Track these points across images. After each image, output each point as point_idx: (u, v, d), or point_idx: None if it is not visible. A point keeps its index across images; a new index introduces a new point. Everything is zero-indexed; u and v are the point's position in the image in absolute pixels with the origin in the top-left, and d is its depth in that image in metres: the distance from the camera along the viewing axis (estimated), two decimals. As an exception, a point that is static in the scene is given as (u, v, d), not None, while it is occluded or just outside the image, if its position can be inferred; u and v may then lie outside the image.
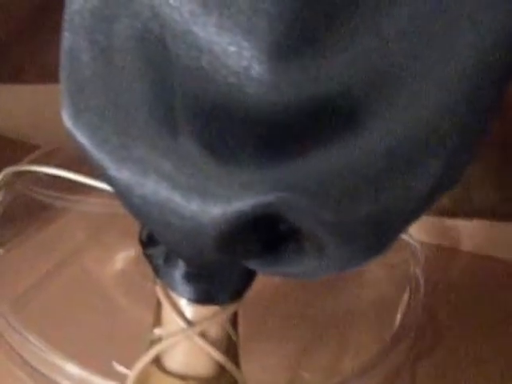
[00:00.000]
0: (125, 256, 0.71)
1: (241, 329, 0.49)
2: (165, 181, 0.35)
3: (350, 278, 0.68)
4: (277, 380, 0.58)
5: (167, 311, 0.46)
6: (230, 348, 0.47)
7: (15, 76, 0.88)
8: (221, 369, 0.46)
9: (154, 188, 0.35)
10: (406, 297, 0.67)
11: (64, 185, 0.72)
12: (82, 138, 0.36)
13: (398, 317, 0.65)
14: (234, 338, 0.48)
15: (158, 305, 0.49)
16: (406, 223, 0.38)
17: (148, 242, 0.46)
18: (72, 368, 0.54)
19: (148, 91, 0.35)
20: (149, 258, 0.47)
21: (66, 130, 0.38)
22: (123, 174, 0.36)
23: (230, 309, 0.46)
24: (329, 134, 0.33)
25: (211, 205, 0.34)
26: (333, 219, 0.35)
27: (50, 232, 0.70)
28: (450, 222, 0.77)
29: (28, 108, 0.89)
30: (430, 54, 0.33)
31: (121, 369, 0.55)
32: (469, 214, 0.73)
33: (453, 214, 0.75)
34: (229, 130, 0.34)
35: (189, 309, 0.45)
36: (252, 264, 0.41)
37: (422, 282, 0.67)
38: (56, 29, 0.84)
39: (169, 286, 0.45)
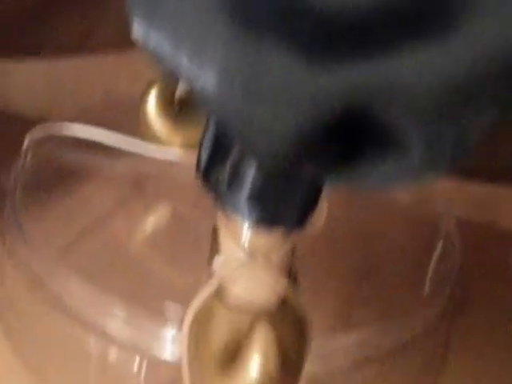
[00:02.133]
0: (154, 220, 0.69)
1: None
2: (247, 84, 0.33)
3: (380, 232, 0.67)
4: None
5: (228, 242, 0.44)
6: (292, 282, 0.45)
7: (33, 51, 0.87)
8: (283, 302, 0.44)
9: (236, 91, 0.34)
10: (438, 253, 0.66)
11: (91, 148, 0.69)
12: (157, 44, 0.35)
13: (431, 272, 0.64)
14: (294, 269, 0.46)
15: (215, 238, 0.47)
16: (480, 139, 0.38)
17: (209, 167, 0.44)
18: (119, 310, 0.53)
19: None
20: (210, 186, 0.45)
21: (138, 40, 0.36)
22: (204, 79, 0.34)
23: (293, 237, 0.44)
24: (416, 31, 0.32)
25: (298, 107, 0.33)
26: (423, 119, 0.34)
27: (77, 198, 0.67)
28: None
29: (46, 84, 0.87)
30: None
31: (174, 309, 0.53)
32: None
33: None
34: (318, 27, 0.32)
35: (251, 238, 0.43)
36: (327, 172, 0.39)
37: (454, 239, 0.66)
38: (72, 4, 0.84)
39: (232, 210, 0.43)
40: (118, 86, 0.85)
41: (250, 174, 0.42)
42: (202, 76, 0.34)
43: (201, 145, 0.45)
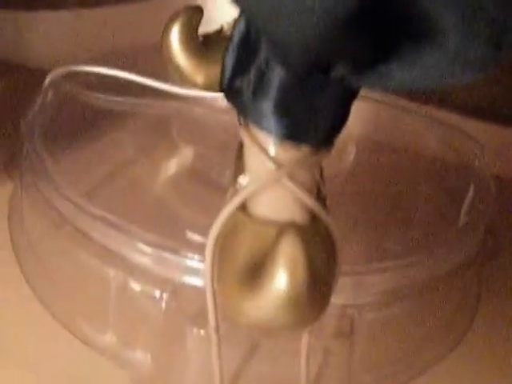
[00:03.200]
0: (178, 162, 0.66)
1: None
2: None
3: (412, 172, 0.63)
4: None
5: (253, 155, 0.41)
6: (320, 201, 0.42)
7: (57, 3, 0.84)
8: (312, 218, 0.41)
9: None
10: (471, 194, 0.62)
11: (114, 91, 0.66)
12: None
13: (464, 213, 0.61)
14: (323, 191, 0.43)
15: (240, 157, 0.44)
16: None
17: (233, 76, 0.41)
18: (142, 243, 0.49)
19: None
20: (234, 98, 0.41)
21: None
22: None
23: (320, 154, 0.41)
24: None
25: None
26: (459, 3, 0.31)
27: (101, 139, 0.64)
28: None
29: (69, 34, 0.85)
30: None
31: (195, 236, 0.50)
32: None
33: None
34: None
35: (277, 150, 0.40)
36: (360, 71, 0.36)
37: (489, 180, 0.63)
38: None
39: (257, 123, 0.40)
40: (141, 35, 0.82)
41: (276, 81, 0.38)
42: None
43: (225, 55, 0.42)
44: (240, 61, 0.41)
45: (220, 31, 0.64)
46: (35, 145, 0.58)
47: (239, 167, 0.43)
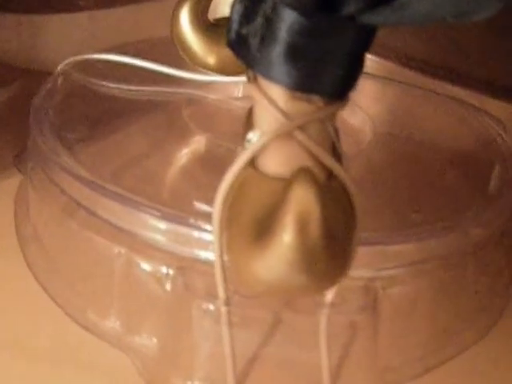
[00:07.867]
0: (190, 151, 0.62)
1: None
2: None
3: (432, 151, 0.58)
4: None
5: (262, 110, 0.36)
6: (336, 158, 0.37)
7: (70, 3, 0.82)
8: (327, 176, 0.36)
9: None
10: (496, 171, 0.57)
11: (126, 76, 0.62)
12: None
13: (491, 188, 0.55)
14: (338, 149, 0.38)
15: (249, 118, 0.39)
16: None
17: (240, 26, 0.36)
18: (159, 223, 0.45)
19: None
20: (242, 49, 0.36)
21: None
22: None
23: (333, 107, 0.36)
24: None
25: None
26: None
27: (112, 129, 0.60)
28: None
29: (84, 36, 0.82)
30: None
31: (203, 206, 0.46)
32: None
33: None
34: None
35: (287, 102, 0.35)
36: (374, 6, 0.31)
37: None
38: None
39: (266, 74, 0.35)
40: (156, 35, 0.79)
41: (283, 25, 0.34)
42: None
43: (232, 7, 0.38)
44: (246, 10, 0.36)
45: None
46: (43, 129, 0.54)
47: (248, 127, 0.39)
